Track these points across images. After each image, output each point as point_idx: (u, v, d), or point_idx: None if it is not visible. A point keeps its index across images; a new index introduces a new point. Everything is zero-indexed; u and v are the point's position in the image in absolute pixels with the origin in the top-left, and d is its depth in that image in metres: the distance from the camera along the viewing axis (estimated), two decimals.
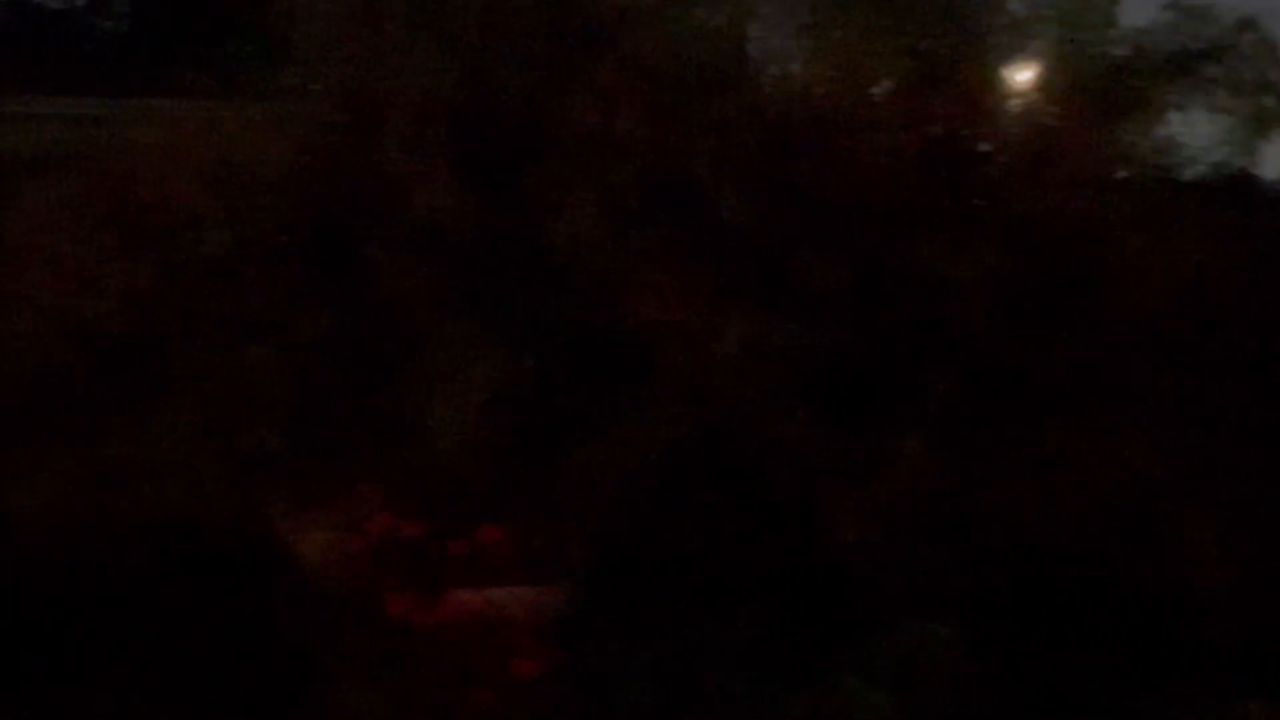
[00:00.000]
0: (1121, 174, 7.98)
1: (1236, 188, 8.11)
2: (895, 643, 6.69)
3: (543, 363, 6.74)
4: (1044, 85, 8.02)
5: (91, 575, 6.76)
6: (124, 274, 6.79)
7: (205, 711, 6.59)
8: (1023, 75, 8.14)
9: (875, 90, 7.71)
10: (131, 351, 6.79)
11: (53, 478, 6.61)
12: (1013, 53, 8.15)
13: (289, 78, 7.26)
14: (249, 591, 6.79)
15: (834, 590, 6.83)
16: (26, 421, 6.77)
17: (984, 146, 7.91)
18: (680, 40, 7.52)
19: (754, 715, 6.46)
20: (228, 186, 6.92)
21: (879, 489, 6.89)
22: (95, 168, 7.11)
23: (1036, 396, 7.25)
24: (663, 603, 6.70)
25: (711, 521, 6.77)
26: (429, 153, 6.96)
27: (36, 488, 6.58)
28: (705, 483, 6.81)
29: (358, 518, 6.62)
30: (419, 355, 6.72)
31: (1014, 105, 7.95)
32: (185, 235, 6.87)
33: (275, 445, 6.61)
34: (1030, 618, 6.91)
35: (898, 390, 7.13)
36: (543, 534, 6.69)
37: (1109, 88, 7.90)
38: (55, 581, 6.79)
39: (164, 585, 6.81)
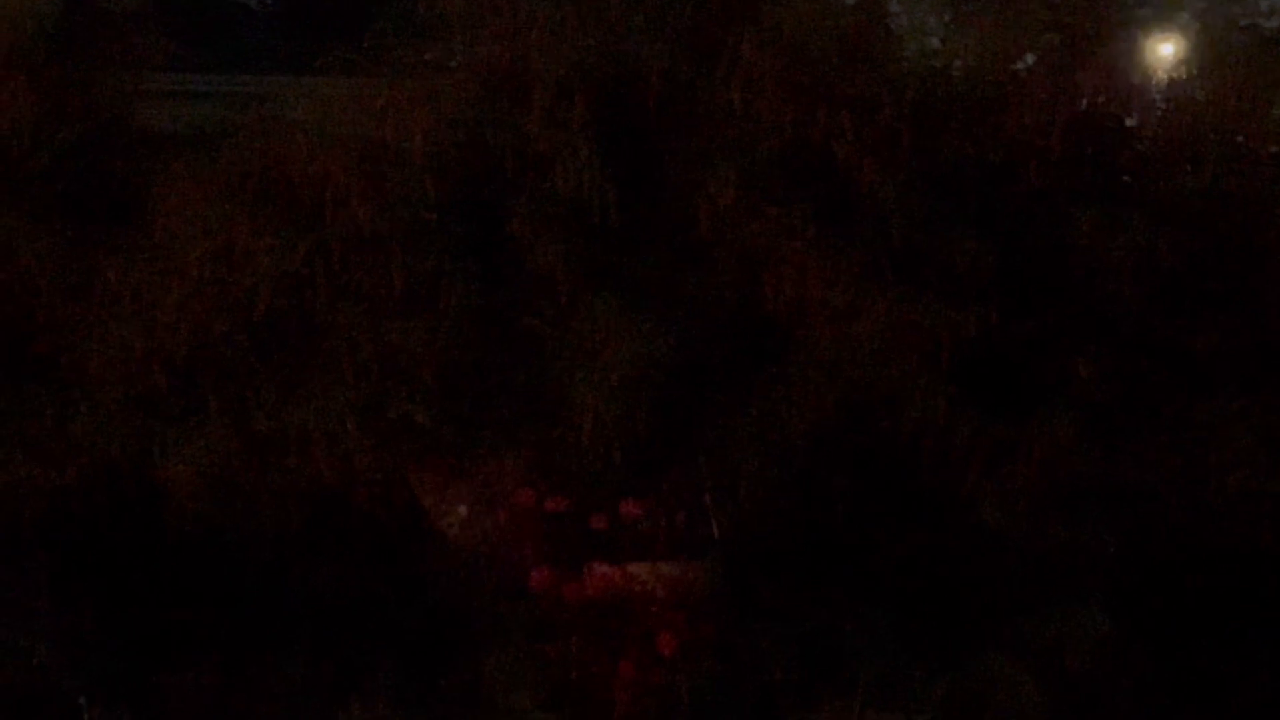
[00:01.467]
0: (1274, 149, 7.80)
1: None
2: (1042, 625, 6.62)
3: (684, 339, 6.74)
4: (1192, 59, 7.86)
5: (240, 545, 6.92)
6: (273, 249, 6.91)
7: (351, 680, 6.72)
8: (1170, 49, 7.99)
9: (1019, 65, 7.61)
10: (281, 325, 6.92)
11: (204, 448, 6.77)
12: (1160, 26, 8.01)
13: (434, 54, 7.33)
14: (394, 563, 6.91)
15: (979, 571, 6.77)
16: (179, 393, 6.94)
17: (1131, 122, 7.77)
18: (821, 15, 7.47)
19: (896, 695, 6.44)
20: (375, 163, 7.01)
21: (1025, 469, 6.81)
22: (245, 145, 7.25)
23: (1188, 376, 7.11)
24: (804, 581, 6.70)
25: (854, 500, 6.74)
26: (571, 128, 6.99)
27: (189, 458, 6.76)
28: (848, 461, 6.78)
29: (501, 491, 6.69)
30: (562, 330, 6.77)
31: (1162, 80, 7.80)
32: (333, 211, 6.97)
33: (421, 419, 6.70)
34: (1183, 602, 6.81)
35: (1045, 369, 7.04)
36: (684, 510, 6.72)
37: (1259, 61, 7.71)
38: (205, 550, 6.96)
39: (311, 555, 6.95)
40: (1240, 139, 7.59)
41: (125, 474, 6.90)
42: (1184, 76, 7.75)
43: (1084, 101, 7.59)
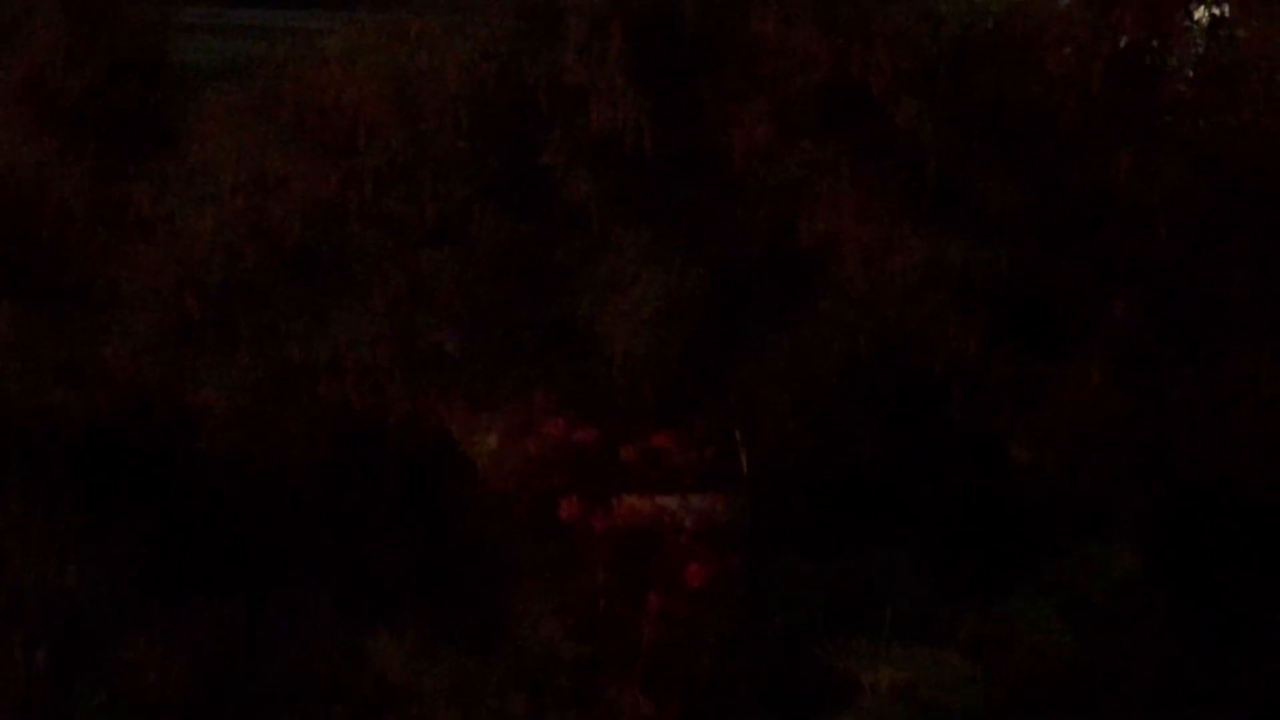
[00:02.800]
0: None
1: None
2: (1069, 565, 6.61)
3: (716, 272, 6.72)
4: None
5: (270, 474, 6.95)
6: (306, 180, 6.92)
7: (378, 610, 6.75)
8: None
9: (1060, 2, 7.53)
10: (313, 255, 6.94)
11: (236, 377, 6.80)
12: None
13: None
14: (423, 493, 6.93)
15: (1007, 511, 6.76)
16: (211, 321, 6.97)
17: (1172, 61, 7.69)
18: None
19: (923, 631, 6.43)
20: (408, 96, 7.00)
21: (1055, 411, 6.78)
22: (278, 77, 7.26)
23: (1222, 321, 7.07)
24: (833, 516, 6.69)
25: (884, 437, 6.73)
26: (605, 62, 6.96)
27: (221, 386, 6.78)
28: (879, 398, 6.76)
29: (531, 422, 6.70)
30: (593, 262, 6.76)
31: (1204, 18, 7.71)
32: (366, 143, 6.97)
33: (451, 349, 6.71)
34: (1210, 545, 6.79)
35: (1077, 311, 6.99)
36: (714, 442, 6.71)
37: None
38: (235, 478, 7.00)
39: (341, 484, 6.99)
40: None
41: (157, 401, 6.94)
42: (1226, 15, 7.67)
43: (1124, 40, 7.52)
